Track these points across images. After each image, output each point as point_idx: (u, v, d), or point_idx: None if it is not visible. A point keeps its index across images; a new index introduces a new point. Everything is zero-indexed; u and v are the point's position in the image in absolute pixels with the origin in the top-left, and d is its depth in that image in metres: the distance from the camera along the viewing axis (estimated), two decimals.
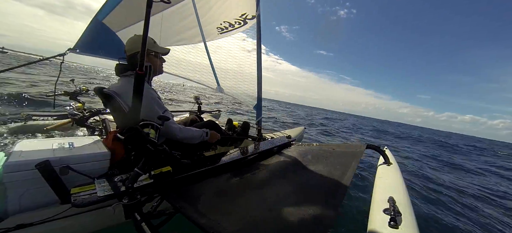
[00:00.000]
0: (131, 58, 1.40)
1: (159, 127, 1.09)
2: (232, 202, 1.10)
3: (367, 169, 3.91)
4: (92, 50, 2.14)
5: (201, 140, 1.59)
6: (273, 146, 2.05)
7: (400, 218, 1.03)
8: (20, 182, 0.98)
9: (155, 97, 1.38)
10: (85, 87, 2.63)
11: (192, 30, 2.44)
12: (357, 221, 2.30)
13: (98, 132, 2.31)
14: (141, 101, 1.05)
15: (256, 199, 1.12)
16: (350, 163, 1.54)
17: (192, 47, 2.62)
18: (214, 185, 1.28)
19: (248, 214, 0.98)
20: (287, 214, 0.97)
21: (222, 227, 0.87)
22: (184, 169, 1.30)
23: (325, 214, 0.98)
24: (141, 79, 1.02)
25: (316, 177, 1.37)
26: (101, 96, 1.32)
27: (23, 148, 1.08)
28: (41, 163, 0.97)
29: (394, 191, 1.33)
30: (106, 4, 1.82)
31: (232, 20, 2.33)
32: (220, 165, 1.50)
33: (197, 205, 1.03)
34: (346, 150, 1.91)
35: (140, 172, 1.01)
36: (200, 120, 2.14)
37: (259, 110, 2.47)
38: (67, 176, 1.04)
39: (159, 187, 1.14)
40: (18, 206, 1.00)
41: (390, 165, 1.86)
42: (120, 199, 0.97)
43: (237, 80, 2.56)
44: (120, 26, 2.09)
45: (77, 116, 2.31)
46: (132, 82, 1.02)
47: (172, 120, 1.47)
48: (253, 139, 2.40)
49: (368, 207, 1.27)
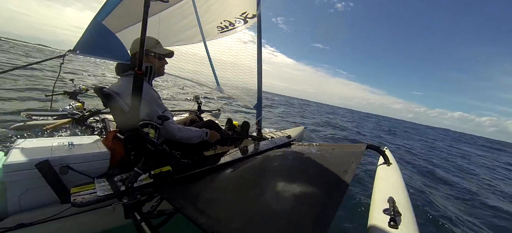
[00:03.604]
0: (133, 58, 1.40)
1: (158, 126, 1.09)
2: (232, 202, 1.10)
3: (367, 169, 3.91)
4: (92, 51, 2.13)
5: (200, 140, 1.59)
6: (273, 146, 2.05)
7: (400, 218, 1.03)
8: (20, 181, 0.98)
9: (155, 97, 1.38)
10: (85, 87, 2.63)
11: (192, 30, 2.44)
12: (356, 221, 2.30)
13: (98, 131, 2.31)
14: (141, 101, 1.05)
15: (256, 198, 1.12)
16: (350, 163, 1.54)
17: (192, 47, 2.62)
18: (214, 185, 1.27)
19: (248, 214, 0.98)
20: (286, 214, 0.97)
21: (222, 227, 0.87)
22: (184, 169, 1.30)
23: (325, 213, 0.98)
24: (140, 79, 1.02)
25: (316, 176, 1.37)
26: (101, 95, 1.32)
27: (23, 148, 1.08)
28: (41, 162, 0.97)
29: (394, 191, 1.33)
30: (105, 5, 1.81)
31: (232, 19, 2.32)
32: (220, 165, 1.49)
33: (197, 205, 1.03)
34: (346, 150, 1.90)
35: (140, 172, 1.02)
36: (200, 120, 2.14)
37: (259, 110, 2.47)
38: (67, 176, 1.04)
39: (159, 186, 1.14)
40: (18, 206, 1.00)
41: (390, 165, 1.86)
42: (120, 199, 0.97)
43: (237, 78, 2.56)
44: (119, 27, 2.09)
45: (77, 115, 2.31)
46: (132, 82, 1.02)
47: (172, 120, 1.47)
48: (253, 139, 2.40)
49: (367, 207, 1.27)
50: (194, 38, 2.51)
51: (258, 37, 2.23)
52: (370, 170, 3.82)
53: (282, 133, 2.73)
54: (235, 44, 2.45)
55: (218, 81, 2.72)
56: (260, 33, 2.22)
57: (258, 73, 2.35)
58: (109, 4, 1.82)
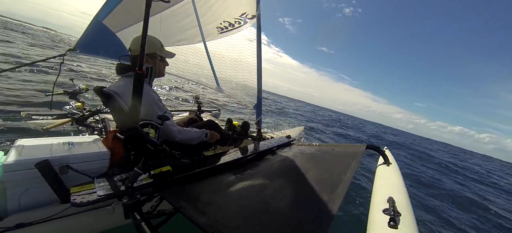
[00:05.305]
0: (134, 58, 1.39)
1: (158, 126, 1.09)
2: (232, 201, 1.10)
3: (367, 169, 3.91)
4: (92, 51, 2.14)
5: (200, 140, 1.59)
6: (273, 146, 2.05)
7: (399, 218, 1.03)
8: (19, 181, 0.98)
9: (155, 99, 1.38)
10: (85, 86, 2.63)
11: (192, 30, 2.44)
12: (356, 221, 2.31)
13: (98, 131, 2.30)
14: (141, 101, 1.05)
15: (256, 198, 1.12)
16: (350, 163, 1.54)
17: (192, 47, 2.62)
18: (213, 185, 1.27)
19: (248, 214, 0.98)
20: (286, 214, 0.97)
21: (221, 226, 0.87)
22: (184, 169, 1.30)
23: (324, 213, 0.98)
24: (140, 79, 1.02)
25: (316, 177, 1.37)
26: (101, 95, 1.32)
27: (23, 147, 1.08)
28: (40, 162, 0.97)
29: (393, 191, 1.33)
30: (106, 4, 1.82)
31: (232, 19, 2.33)
32: (220, 165, 1.49)
33: (197, 205, 1.03)
34: (345, 150, 1.91)
35: (139, 172, 1.01)
36: (200, 120, 2.14)
37: (259, 110, 2.47)
38: (67, 176, 1.04)
39: (159, 186, 1.14)
40: (18, 205, 1.00)
41: (390, 165, 1.86)
42: (120, 199, 0.97)
43: (237, 79, 2.56)
44: (119, 26, 2.09)
45: (76, 115, 2.30)
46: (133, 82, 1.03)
47: (172, 122, 1.47)
48: (253, 139, 2.40)
49: (367, 207, 1.27)
50: (194, 38, 2.51)
51: (258, 38, 2.23)
52: (370, 170, 3.82)
53: (282, 133, 2.73)
54: (235, 44, 2.46)
55: (218, 81, 2.72)
56: (259, 34, 2.22)
57: (258, 74, 2.35)
58: (110, 3, 1.82)
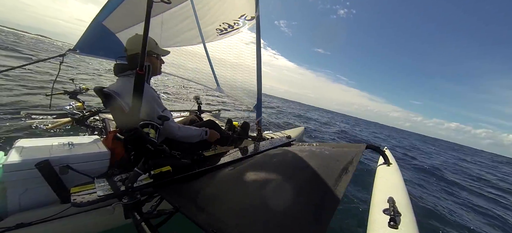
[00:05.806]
0: (132, 58, 1.39)
1: (159, 127, 1.09)
2: (232, 201, 1.10)
3: (367, 169, 3.91)
4: (92, 51, 2.14)
5: (200, 138, 1.59)
6: (272, 146, 2.05)
7: (399, 218, 1.03)
8: (20, 181, 0.98)
9: (154, 96, 1.38)
10: (85, 86, 2.63)
11: (192, 32, 2.44)
12: (356, 221, 2.30)
13: (98, 131, 2.30)
14: (141, 101, 1.05)
15: (256, 198, 1.12)
16: (350, 162, 1.54)
17: (192, 48, 2.62)
18: (213, 185, 1.27)
19: (248, 213, 0.98)
20: (286, 213, 0.97)
21: (222, 225, 0.87)
22: (184, 168, 1.30)
23: (324, 212, 0.98)
24: (141, 79, 1.02)
25: (315, 176, 1.37)
26: (101, 95, 1.32)
27: (23, 148, 1.08)
28: (41, 162, 0.97)
29: (393, 191, 1.33)
30: (106, 5, 1.82)
31: (231, 21, 2.33)
32: (220, 165, 1.50)
33: (197, 204, 1.03)
34: (345, 150, 1.90)
35: (140, 172, 1.02)
36: (200, 120, 2.14)
37: (259, 110, 2.47)
38: (67, 176, 1.04)
39: (159, 186, 1.14)
40: (18, 205, 1.00)
41: (390, 165, 1.86)
42: (120, 199, 0.97)
43: (237, 80, 2.56)
44: (120, 27, 2.09)
45: (77, 115, 2.30)
46: (132, 82, 1.03)
47: (171, 119, 1.48)
48: (253, 139, 2.40)
49: (367, 207, 1.27)
50: (193, 39, 2.52)
51: (257, 39, 2.23)
52: (370, 170, 3.82)
53: (282, 133, 2.73)
54: (235, 45, 2.46)
55: (218, 81, 2.72)
56: (259, 35, 2.22)
57: (257, 74, 2.35)
58: (110, 4, 1.83)
